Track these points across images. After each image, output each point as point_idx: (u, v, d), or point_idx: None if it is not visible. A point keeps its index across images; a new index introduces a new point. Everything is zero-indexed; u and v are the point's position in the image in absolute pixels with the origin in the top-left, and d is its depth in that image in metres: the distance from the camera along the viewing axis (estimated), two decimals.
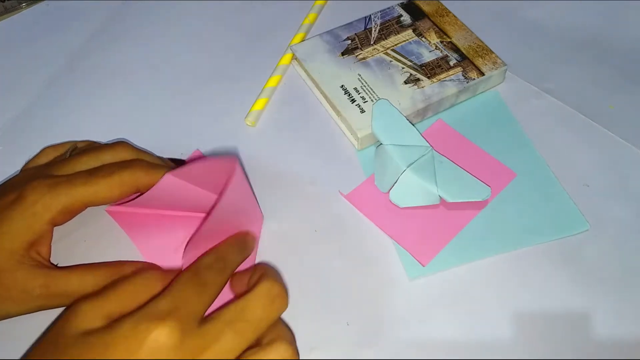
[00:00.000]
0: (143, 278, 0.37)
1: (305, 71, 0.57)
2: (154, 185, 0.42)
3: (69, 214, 0.42)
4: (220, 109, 0.56)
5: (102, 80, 0.59)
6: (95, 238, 0.48)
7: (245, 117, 0.55)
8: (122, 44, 0.62)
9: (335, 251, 0.47)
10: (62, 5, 0.66)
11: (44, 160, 0.47)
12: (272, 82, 0.57)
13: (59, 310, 0.42)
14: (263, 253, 0.47)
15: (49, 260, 0.43)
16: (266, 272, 0.39)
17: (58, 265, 0.44)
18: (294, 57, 0.59)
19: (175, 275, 0.37)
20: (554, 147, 0.53)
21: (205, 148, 0.53)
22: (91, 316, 0.34)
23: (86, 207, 0.43)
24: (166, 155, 0.50)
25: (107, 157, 0.44)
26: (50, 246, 0.43)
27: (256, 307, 0.36)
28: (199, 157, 0.52)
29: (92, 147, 0.46)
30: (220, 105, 0.56)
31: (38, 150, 0.49)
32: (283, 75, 0.58)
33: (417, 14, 0.59)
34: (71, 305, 0.35)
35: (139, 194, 0.45)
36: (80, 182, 0.42)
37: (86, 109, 0.56)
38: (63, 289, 0.40)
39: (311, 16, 0.63)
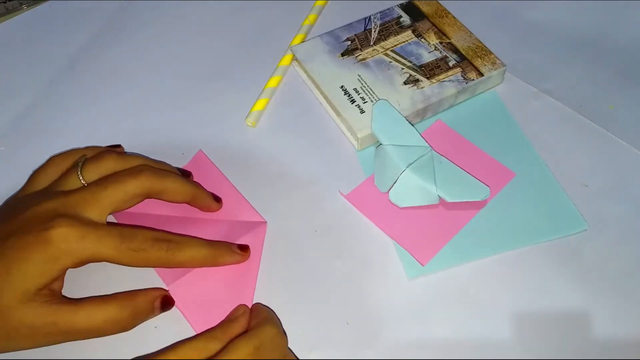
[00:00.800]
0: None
1: (305, 72, 0.57)
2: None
3: (90, 261, 0.41)
4: (220, 109, 0.56)
5: (103, 81, 0.59)
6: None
7: (246, 118, 0.55)
8: (123, 45, 0.62)
9: (335, 251, 0.47)
10: (64, 6, 0.66)
11: (53, 170, 0.45)
12: (273, 82, 0.57)
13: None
14: (264, 252, 0.47)
15: (61, 293, 0.42)
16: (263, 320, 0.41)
17: (69, 298, 0.42)
18: (294, 58, 0.59)
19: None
20: (553, 148, 0.53)
21: (205, 148, 0.53)
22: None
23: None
24: (166, 154, 0.51)
25: (134, 189, 0.43)
26: (63, 281, 0.42)
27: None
28: (201, 158, 0.52)
29: (114, 180, 0.43)
30: (221, 106, 0.57)
31: (39, 151, 0.50)
32: (283, 75, 0.58)
33: (416, 15, 0.59)
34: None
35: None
36: (109, 244, 0.40)
37: (87, 109, 0.57)
38: (71, 326, 0.39)
39: (311, 17, 0.63)
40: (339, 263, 0.47)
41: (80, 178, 0.43)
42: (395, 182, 0.48)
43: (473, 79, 0.54)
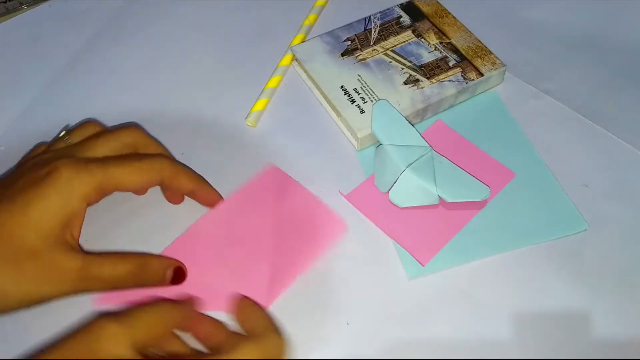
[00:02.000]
0: (168, 308, 0.38)
1: (305, 72, 0.57)
2: (177, 177, 0.45)
3: (101, 193, 0.42)
4: (220, 109, 0.56)
5: (102, 81, 0.59)
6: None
7: (246, 118, 0.55)
8: (123, 45, 0.62)
9: (335, 251, 0.47)
10: (64, 6, 0.66)
11: (40, 149, 0.47)
12: (273, 82, 0.57)
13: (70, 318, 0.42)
14: None
15: (79, 245, 0.43)
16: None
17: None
18: (294, 58, 0.59)
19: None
20: (553, 148, 0.53)
21: (206, 148, 0.53)
22: (120, 343, 0.34)
23: (115, 190, 0.43)
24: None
25: (126, 138, 0.46)
26: (81, 229, 0.43)
27: None
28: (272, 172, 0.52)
29: (105, 130, 0.47)
30: (221, 106, 0.56)
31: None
32: (283, 76, 0.58)
33: (416, 15, 0.59)
34: (94, 322, 0.35)
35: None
36: (112, 164, 0.42)
37: (86, 110, 0.56)
38: (98, 273, 0.40)
39: (311, 17, 0.63)
40: (339, 263, 0.47)
41: (68, 138, 0.46)
42: (395, 182, 0.48)
43: (473, 79, 0.54)
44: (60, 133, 0.48)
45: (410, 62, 0.56)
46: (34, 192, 0.40)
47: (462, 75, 0.54)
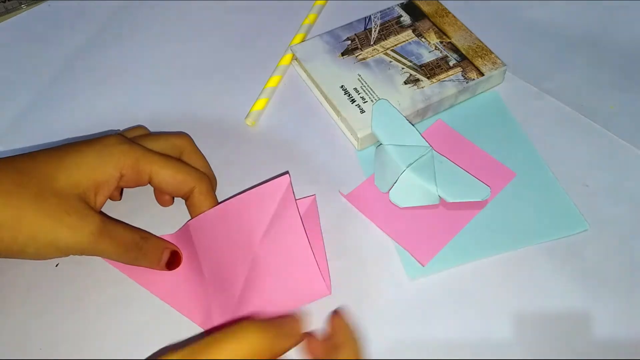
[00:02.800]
0: (298, 322, 0.37)
1: (305, 71, 0.57)
2: (204, 204, 0.46)
3: (137, 173, 0.44)
4: (220, 109, 0.56)
5: (102, 81, 0.59)
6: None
7: (246, 117, 0.55)
8: (122, 45, 0.62)
9: (335, 251, 0.47)
10: (63, 5, 0.66)
11: None
12: (272, 82, 0.57)
13: None
14: None
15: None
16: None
17: None
18: (294, 58, 0.59)
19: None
20: (553, 147, 0.53)
21: (205, 147, 0.53)
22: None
23: (150, 178, 0.44)
24: None
25: (175, 140, 0.48)
26: (106, 201, 0.44)
27: None
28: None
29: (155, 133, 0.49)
30: (220, 105, 0.57)
31: (39, 145, 0.50)
32: (283, 75, 0.58)
33: (416, 14, 0.59)
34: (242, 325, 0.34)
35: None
36: (155, 152, 0.45)
37: (86, 110, 0.57)
38: (113, 233, 0.42)
39: (311, 16, 0.63)
40: (339, 263, 0.47)
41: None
42: (395, 182, 0.48)
43: (473, 79, 0.54)
44: None
45: (410, 61, 0.56)
46: (75, 147, 0.43)
47: (462, 75, 0.54)
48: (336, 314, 0.43)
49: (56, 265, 0.47)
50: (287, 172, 0.47)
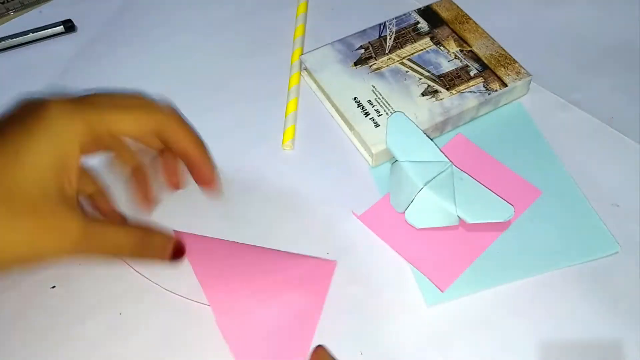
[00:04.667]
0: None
1: (316, 82, 0.58)
2: (177, 131, 0.44)
3: (96, 139, 0.41)
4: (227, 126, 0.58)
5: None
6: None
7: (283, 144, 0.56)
8: (118, 53, 0.64)
9: (348, 275, 0.48)
10: (55, 12, 0.67)
11: None
12: (292, 107, 0.58)
13: None
14: None
15: (79, 200, 0.42)
16: None
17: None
18: (304, 68, 0.60)
19: None
20: (582, 164, 0.53)
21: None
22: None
23: (110, 135, 0.42)
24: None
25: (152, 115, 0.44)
26: (78, 178, 0.41)
27: None
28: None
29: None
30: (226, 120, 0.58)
31: None
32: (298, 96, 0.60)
33: (435, 20, 0.61)
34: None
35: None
36: (107, 104, 0.42)
37: None
38: (100, 238, 0.40)
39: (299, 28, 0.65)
40: (352, 288, 0.48)
41: None
42: (412, 202, 0.49)
43: (496, 90, 0.55)
44: None
45: (428, 71, 0.57)
46: (24, 135, 0.39)
47: (484, 86, 0.55)
48: (319, 348, 0.45)
49: (52, 287, 0.48)
50: (335, 261, 0.49)
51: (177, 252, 0.46)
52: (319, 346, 0.45)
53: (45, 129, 0.39)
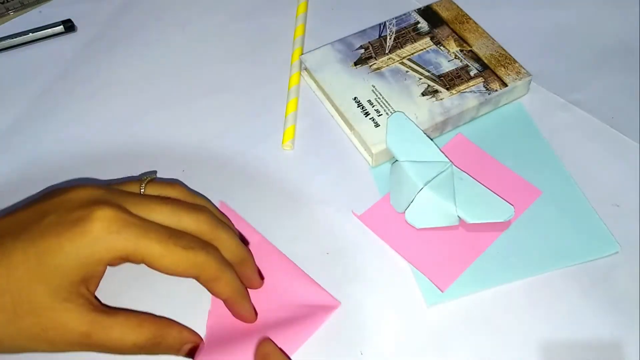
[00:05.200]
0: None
1: (316, 82, 0.59)
2: (215, 283, 0.42)
3: (127, 261, 0.40)
4: (224, 124, 0.58)
5: (96, 91, 0.61)
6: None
7: (283, 144, 0.56)
8: (118, 55, 0.64)
9: (347, 275, 0.48)
10: (55, 12, 0.68)
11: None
12: (292, 107, 0.58)
13: None
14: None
15: (95, 296, 0.41)
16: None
17: (103, 304, 0.41)
18: (304, 68, 0.60)
19: None
20: (582, 164, 0.54)
21: (209, 165, 0.55)
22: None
23: (142, 264, 0.40)
24: (164, 169, 0.53)
25: (188, 222, 0.42)
26: (99, 283, 0.41)
27: None
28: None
29: (173, 202, 0.43)
30: (225, 119, 0.59)
31: (29, 161, 0.53)
32: (298, 96, 0.60)
33: (435, 20, 0.61)
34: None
35: None
36: (154, 238, 0.39)
37: (79, 125, 0.59)
38: (104, 342, 0.39)
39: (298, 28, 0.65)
40: (351, 289, 0.48)
41: (142, 187, 0.44)
42: (412, 202, 0.49)
43: (496, 90, 0.56)
44: (143, 175, 0.48)
45: (428, 71, 0.57)
46: (56, 240, 0.38)
47: (484, 86, 0.56)
48: (264, 341, 0.44)
49: None
50: (339, 303, 0.47)
51: (193, 350, 0.44)
52: (265, 338, 0.44)
53: (80, 244, 0.38)
